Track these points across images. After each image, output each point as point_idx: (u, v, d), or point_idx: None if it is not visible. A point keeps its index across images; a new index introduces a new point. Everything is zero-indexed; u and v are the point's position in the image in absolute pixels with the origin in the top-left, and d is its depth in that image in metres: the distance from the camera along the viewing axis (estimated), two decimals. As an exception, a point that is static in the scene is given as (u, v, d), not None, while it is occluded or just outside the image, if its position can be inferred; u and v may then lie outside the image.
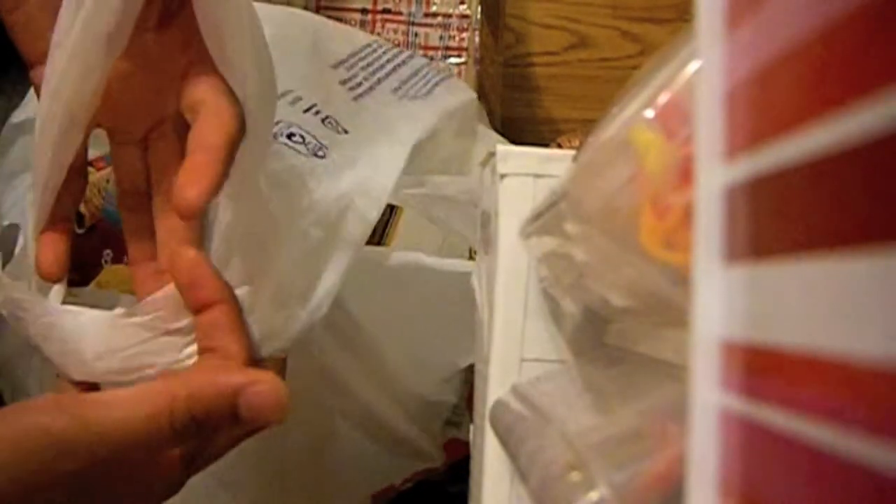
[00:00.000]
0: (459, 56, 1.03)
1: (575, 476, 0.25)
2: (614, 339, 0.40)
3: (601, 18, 1.35)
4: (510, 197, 0.46)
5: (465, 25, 1.04)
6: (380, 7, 1.05)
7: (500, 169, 0.46)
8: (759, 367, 0.17)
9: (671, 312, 0.30)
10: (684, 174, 0.28)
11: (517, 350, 0.43)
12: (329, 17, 1.02)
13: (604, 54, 1.36)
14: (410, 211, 0.83)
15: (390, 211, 0.85)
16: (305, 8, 1.01)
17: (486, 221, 0.50)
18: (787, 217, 0.16)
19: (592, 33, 1.36)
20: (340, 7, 1.04)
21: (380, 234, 0.85)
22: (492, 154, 0.48)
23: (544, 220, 0.38)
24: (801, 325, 0.15)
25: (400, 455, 0.75)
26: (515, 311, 0.44)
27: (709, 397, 0.18)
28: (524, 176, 0.46)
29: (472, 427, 0.53)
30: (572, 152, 0.41)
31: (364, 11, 1.05)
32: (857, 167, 0.13)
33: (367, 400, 0.70)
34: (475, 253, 0.69)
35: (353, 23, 1.04)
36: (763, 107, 0.18)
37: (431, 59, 1.03)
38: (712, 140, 0.19)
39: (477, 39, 1.04)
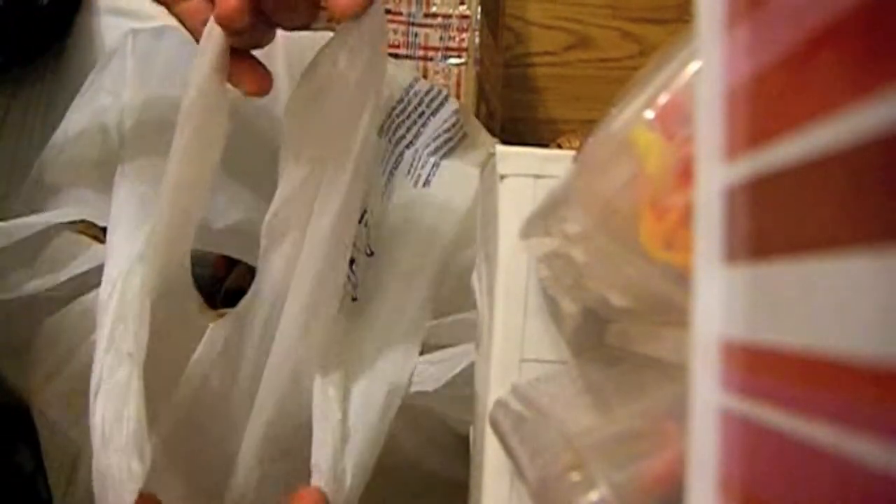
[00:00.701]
0: (459, 56, 1.03)
1: (575, 476, 0.25)
2: (614, 339, 0.40)
3: (601, 19, 1.35)
4: (510, 197, 0.46)
5: (465, 26, 1.03)
6: (380, 7, 1.05)
7: (500, 169, 0.46)
8: (759, 367, 0.17)
9: (671, 312, 0.30)
10: (684, 174, 0.28)
11: (517, 350, 0.43)
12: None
13: (604, 55, 1.36)
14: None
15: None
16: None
17: (486, 222, 0.50)
18: (787, 217, 0.16)
19: (592, 34, 1.36)
20: (341, 7, 1.04)
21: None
22: (491, 154, 0.48)
23: (544, 220, 0.38)
24: (801, 324, 0.15)
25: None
26: (515, 312, 0.44)
27: (709, 397, 0.18)
28: (524, 176, 0.46)
29: (471, 428, 0.53)
30: (572, 152, 0.41)
31: (364, 11, 1.05)
32: (857, 167, 0.13)
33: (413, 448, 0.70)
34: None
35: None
36: (763, 107, 0.18)
37: (431, 59, 1.03)
38: (712, 140, 0.19)
39: (477, 40, 1.03)
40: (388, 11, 1.04)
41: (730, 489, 0.17)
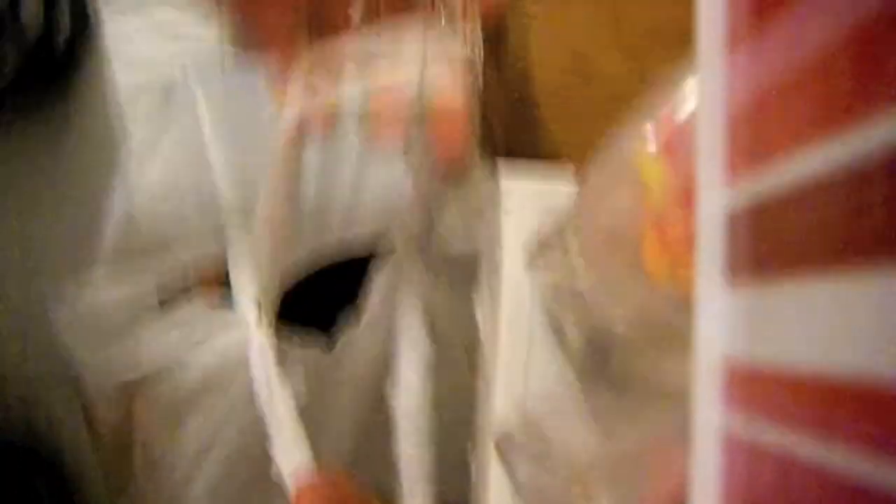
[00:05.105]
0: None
1: (575, 490, 0.25)
2: (618, 366, 0.40)
3: (603, 42, 1.35)
4: (514, 232, 0.46)
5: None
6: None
7: (505, 205, 0.46)
8: (760, 387, 0.17)
9: (674, 339, 0.31)
10: (688, 202, 0.28)
11: (521, 377, 0.43)
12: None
13: (605, 79, 1.35)
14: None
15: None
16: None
17: (489, 255, 0.51)
18: (787, 239, 0.16)
19: (593, 56, 1.36)
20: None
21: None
22: (496, 188, 0.48)
23: (549, 249, 0.38)
24: (802, 345, 0.15)
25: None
26: (520, 339, 0.44)
27: (711, 417, 0.18)
28: (528, 209, 0.46)
29: (469, 448, 0.53)
30: (575, 185, 0.41)
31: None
32: (855, 190, 0.14)
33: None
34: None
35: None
36: (762, 133, 0.18)
37: None
38: (713, 165, 0.20)
39: (480, 65, 1.03)
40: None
41: (732, 508, 0.18)
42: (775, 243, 0.17)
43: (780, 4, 0.17)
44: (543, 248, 0.39)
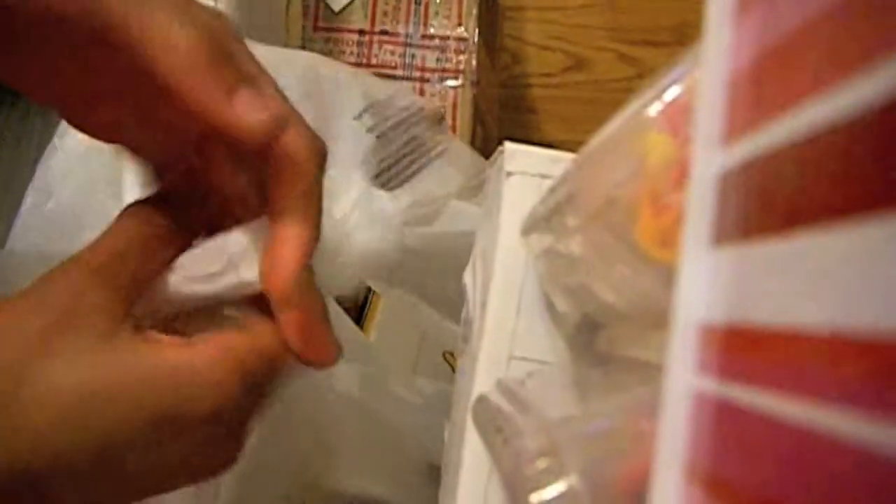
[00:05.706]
0: (456, 78, 1.02)
1: (545, 462, 0.24)
2: (605, 342, 0.39)
3: (598, 41, 1.34)
4: (514, 194, 0.45)
5: (463, 48, 1.03)
6: (377, 28, 1.04)
7: (507, 166, 0.46)
8: (737, 348, 0.17)
9: (663, 316, 0.30)
10: (685, 173, 0.28)
11: (506, 347, 0.43)
12: (326, 38, 1.03)
13: (600, 76, 1.35)
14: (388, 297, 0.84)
15: (367, 293, 0.84)
16: (303, 29, 1.02)
17: (488, 218, 0.50)
18: (776, 196, 0.16)
19: (590, 55, 1.35)
20: (337, 28, 1.04)
21: (356, 318, 0.83)
22: (500, 151, 0.48)
23: (545, 214, 0.37)
24: (780, 302, 0.15)
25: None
26: (509, 308, 0.44)
27: (684, 380, 0.18)
28: (530, 175, 0.46)
29: (447, 424, 0.52)
30: (577, 156, 0.40)
31: (361, 32, 1.04)
32: (837, 145, 0.13)
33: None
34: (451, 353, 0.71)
35: (349, 44, 1.03)
36: (761, 93, 0.17)
37: (427, 80, 1.02)
38: (711, 128, 0.19)
39: (474, 61, 1.03)
40: (385, 32, 1.04)
41: (695, 472, 0.17)
42: (763, 200, 0.16)
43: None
44: (540, 216, 0.39)
